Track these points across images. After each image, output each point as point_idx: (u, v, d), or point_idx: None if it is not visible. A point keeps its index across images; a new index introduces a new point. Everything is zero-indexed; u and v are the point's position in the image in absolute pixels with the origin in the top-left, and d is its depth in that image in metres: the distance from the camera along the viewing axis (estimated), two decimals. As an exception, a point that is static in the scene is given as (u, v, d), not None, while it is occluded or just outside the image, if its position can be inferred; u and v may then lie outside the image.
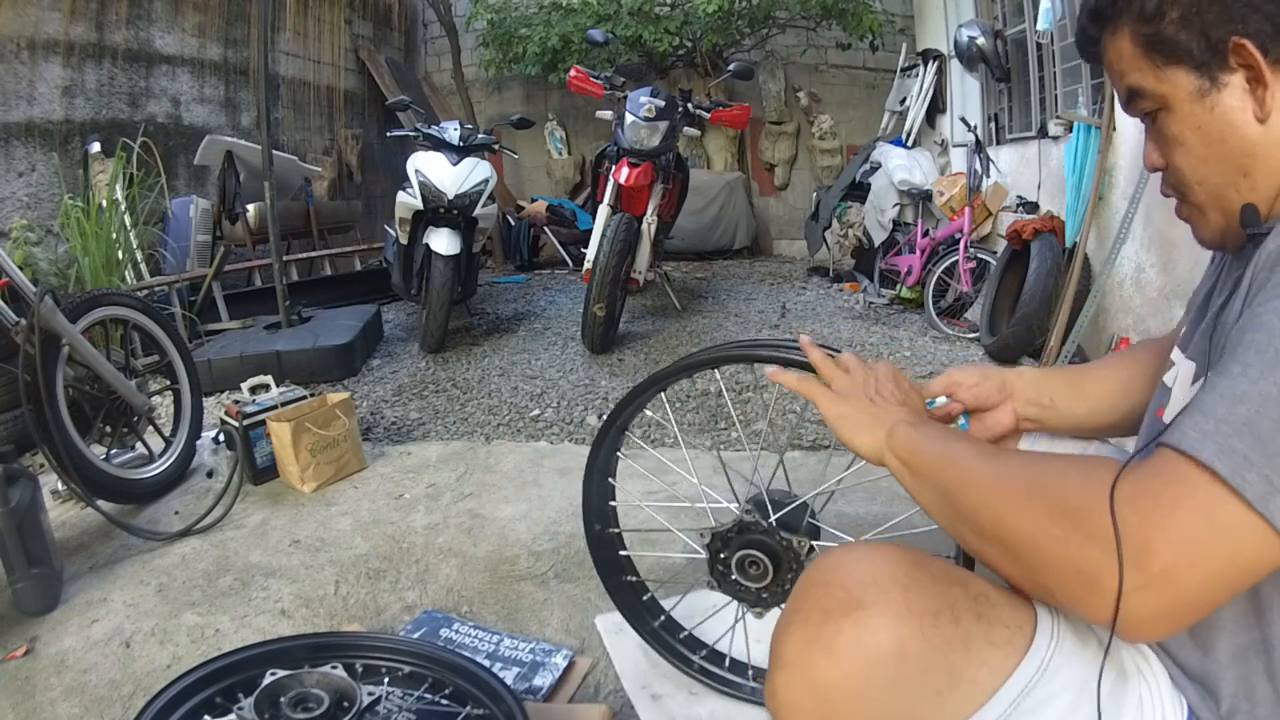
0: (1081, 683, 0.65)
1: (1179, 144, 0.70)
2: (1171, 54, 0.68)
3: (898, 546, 0.70)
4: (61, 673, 1.44)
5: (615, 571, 1.31)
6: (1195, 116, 0.68)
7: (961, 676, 0.63)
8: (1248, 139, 0.66)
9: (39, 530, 1.66)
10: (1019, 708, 0.63)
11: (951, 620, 0.63)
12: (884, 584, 0.64)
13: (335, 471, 2.28)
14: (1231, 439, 0.52)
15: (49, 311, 1.87)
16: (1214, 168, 0.69)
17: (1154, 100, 0.70)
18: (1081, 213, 3.24)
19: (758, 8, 6.09)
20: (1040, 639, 0.66)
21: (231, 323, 4.03)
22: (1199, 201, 0.72)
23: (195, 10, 5.03)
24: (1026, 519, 0.59)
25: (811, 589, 0.67)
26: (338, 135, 6.50)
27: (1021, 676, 0.64)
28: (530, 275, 5.98)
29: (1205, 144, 0.68)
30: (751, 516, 1.12)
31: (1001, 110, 4.76)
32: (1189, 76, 0.67)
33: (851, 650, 0.62)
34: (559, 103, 7.06)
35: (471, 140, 3.69)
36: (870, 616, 0.62)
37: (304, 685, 1.05)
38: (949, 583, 0.66)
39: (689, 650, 1.32)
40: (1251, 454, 0.51)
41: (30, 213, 3.95)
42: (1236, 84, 0.66)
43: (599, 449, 1.27)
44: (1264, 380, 0.53)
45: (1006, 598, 0.69)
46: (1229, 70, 0.66)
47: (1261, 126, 0.65)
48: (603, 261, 3.36)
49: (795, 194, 7.03)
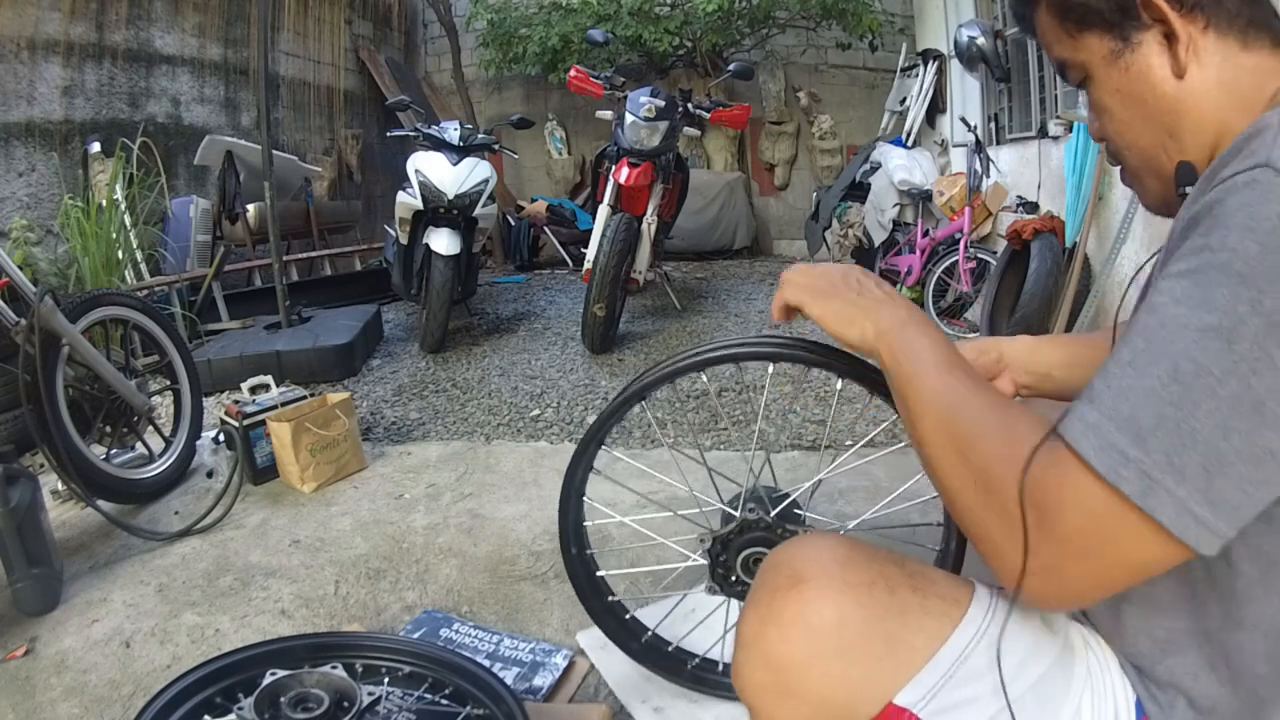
0: (1024, 652, 0.67)
1: (1104, 111, 0.70)
2: (1084, 19, 0.67)
3: (840, 535, 0.76)
4: (61, 673, 1.44)
5: (596, 595, 1.26)
6: (1112, 80, 0.67)
7: (899, 643, 0.66)
8: (1167, 96, 0.64)
9: (39, 530, 1.66)
10: (957, 673, 0.65)
11: (887, 590, 0.67)
12: (824, 561, 0.69)
13: (335, 471, 2.28)
14: (1111, 434, 0.52)
15: (49, 311, 1.87)
16: (1140, 131, 0.68)
17: (1077, 70, 0.70)
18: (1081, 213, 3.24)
19: (758, 8, 6.09)
20: (975, 610, 0.68)
21: (231, 323, 4.03)
22: (1134, 168, 0.71)
23: (195, 10, 5.03)
24: (956, 476, 0.62)
25: (764, 575, 0.72)
26: (338, 135, 6.50)
27: (958, 642, 0.66)
28: (530, 275, 5.98)
29: (1126, 108, 0.67)
30: (755, 514, 1.12)
31: (1001, 110, 4.75)
32: (1102, 40, 0.66)
33: (796, 621, 0.66)
34: (559, 103, 7.06)
35: (471, 140, 3.69)
36: (811, 589, 0.67)
37: (304, 685, 1.05)
38: (885, 561, 0.70)
39: (679, 661, 1.29)
40: (1130, 449, 0.51)
41: (30, 213, 3.95)
42: (1150, 41, 0.64)
43: (574, 471, 1.20)
44: (1147, 373, 0.52)
45: (944, 575, 0.73)
46: (1141, 27, 0.64)
47: (1180, 82, 0.64)
48: (603, 261, 3.36)
49: (795, 194, 7.03)
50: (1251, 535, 0.55)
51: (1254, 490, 0.50)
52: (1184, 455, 0.50)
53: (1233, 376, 0.49)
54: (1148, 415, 0.51)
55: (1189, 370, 0.51)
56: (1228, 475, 0.50)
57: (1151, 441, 0.51)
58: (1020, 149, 4.37)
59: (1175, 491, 0.50)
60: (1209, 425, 0.50)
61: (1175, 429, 0.50)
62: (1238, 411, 0.49)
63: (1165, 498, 0.51)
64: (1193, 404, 0.50)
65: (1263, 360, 0.49)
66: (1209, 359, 0.50)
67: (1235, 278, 0.50)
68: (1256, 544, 0.57)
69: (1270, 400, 0.49)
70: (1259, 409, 0.49)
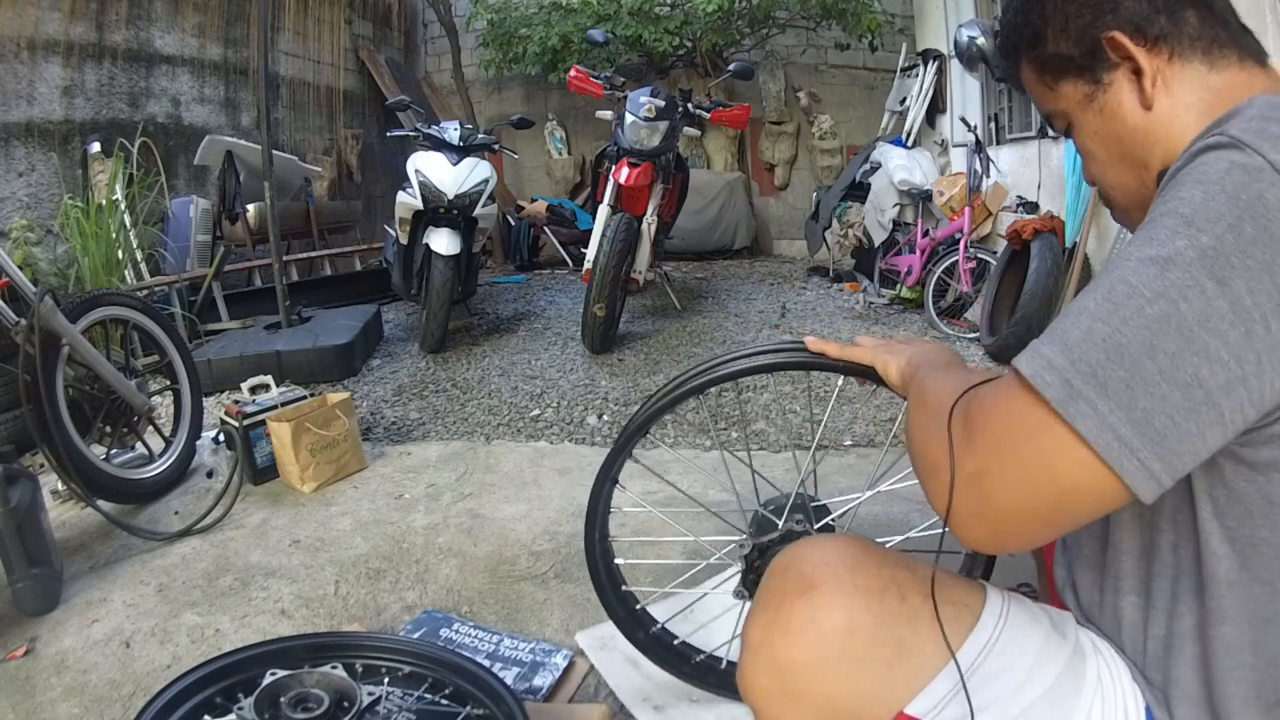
0: (1033, 659, 0.66)
1: (1089, 155, 0.74)
2: (1059, 69, 0.71)
3: (851, 537, 0.74)
4: (61, 673, 1.44)
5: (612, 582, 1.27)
6: (1090, 123, 0.71)
7: (910, 650, 0.65)
8: (1139, 129, 0.68)
9: (39, 530, 1.66)
10: (969, 681, 0.65)
11: (898, 597, 0.66)
12: (833, 566, 0.68)
13: (335, 471, 2.28)
14: (1042, 347, 0.54)
15: (49, 311, 1.87)
16: (1120, 169, 0.71)
17: (1061, 118, 0.74)
18: (1081, 213, 3.24)
19: (758, 8, 6.09)
20: (987, 617, 0.68)
21: (231, 323, 4.03)
22: (1122, 206, 0.75)
23: (195, 10, 5.03)
24: (920, 426, 0.66)
25: (771, 578, 0.72)
26: (338, 135, 6.50)
27: (970, 650, 0.66)
28: (530, 275, 5.98)
29: (1105, 147, 0.71)
30: (801, 526, 1.11)
31: (1001, 110, 4.75)
32: (1076, 85, 0.70)
33: (805, 627, 0.65)
34: (559, 103, 7.06)
35: (471, 140, 3.69)
36: (820, 594, 0.66)
37: (304, 685, 1.05)
38: (897, 565, 0.69)
39: (682, 657, 1.29)
40: (1056, 358, 0.53)
41: (30, 213, 3.95)
42: (1120, 79, 0.68)
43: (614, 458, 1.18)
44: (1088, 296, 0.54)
45: (956, 580, 0.73)
46: (1110, 67, 0.68)
47: (1149, 114, 0.67)
48: (603, 261, 3.36)
49: (795, 194, 7.03)
50: (1229, 519, 0.57)
51: (1183, 421, 0.50)
52: (1108, 369, 0.51)
53: (1162, 299, 0.50)
54: (1077, 330, 0.53)
55: (1121, 291, 0.52)
56: (1152, 396, 0.50)
57: (1077, 352, 0.52)
58: (1020, 149, 4.37)
59: (1097, 404, 0.51)
60: (1135, 342, 0.50)
61: (1101, 342, 0.51)
62: (1164, 332, 0.50)
63: (1086, 408, 0.51)
64: (1121, 320, 0.51)
65: (1193, 288, 0.50)
66: (1141, 281, 0.52)
67: (1179, 219, 0.53)
68: (1236, 530, 0.58)
69: (1199, 328, 0.49)
70: (1187, 334, 0.50)
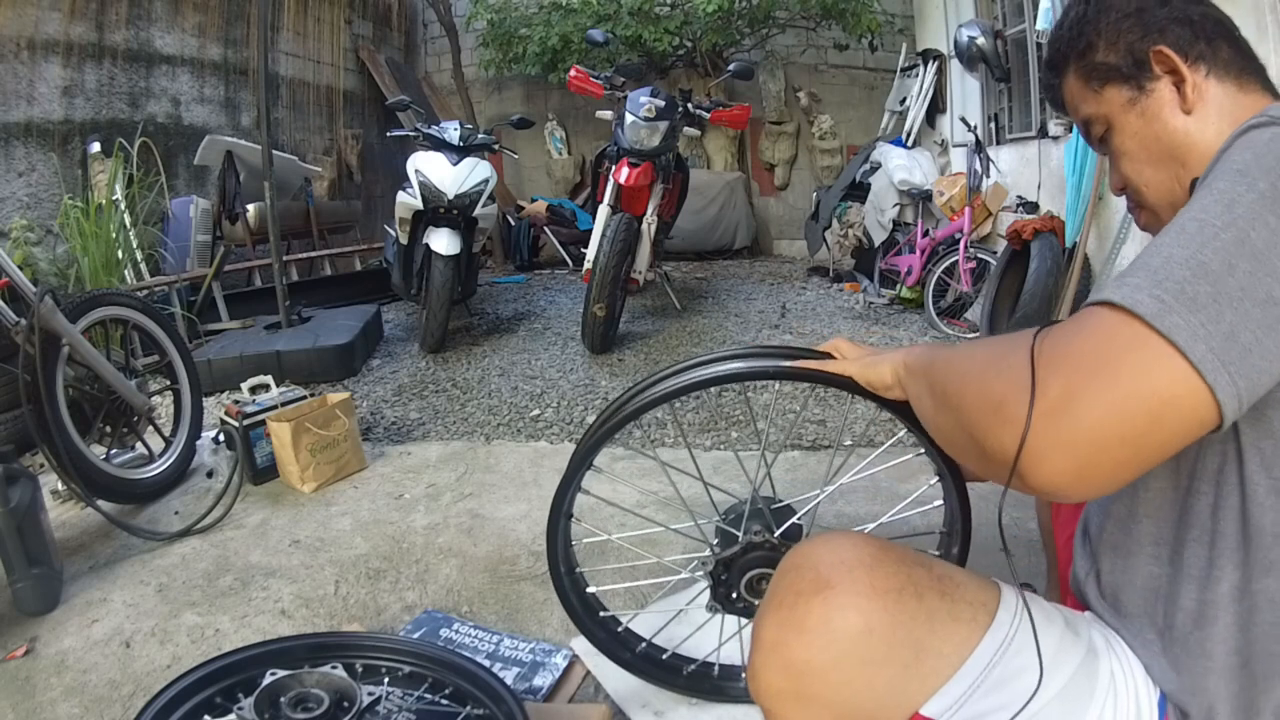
0: (1049, 659, 0.66)
1: (1124, 154, 0.79)
2: (1105, 76, 0.78)
3: (865, 535, 0.73)
4: (61, 673, 1.44)
5: (589, 612, 1.24)
6: (1130, 124, 0.77)
7: (927, 650, 0.65)
8: (1178, 130, 0.74)
9: (39, 530, 1.66)
10: (986, 680, 0.65)
11: (915, 596, 0.66)
12: (850, 565, 0.67)
13: (335, 471, 2.28)
14: (1128, 278, 0.55)
15: (49, 311, 1.87)
16: (1155, 166, 0.76)
17: (1101, 123, 0.80)
18: (1081, 213, 3.24)
19: (758, 8, 6.09)
20: (1003, 615, 0.68)
21: (231, 323, 4.03)
22: (1151, 203, 0.79)
23: (195, 10, 5.03)
24: (973, 376, 0.63)
25: (784, 575, 0.71)
26: (338, 135, 6.50)
27: (986, 650, 0.66)
28: (530, 275, 5.98)
29: (1143, 146, 0.77)
30: (760, 536, 1.08)
31: (1001, 110, 4.75)
32: (1121, 90, 0.77)
33: (821, 628, 0.64)
34: (559, 103, 7.06)
35: (471, 140, 3.69)
36: (837, 595, 0.65)
37: (304, 685, 1.05)
38: (913, 564, 0.69)
39: (673, 670, 1.28)
40: (1144, 284, 0.54)
41: (30, 213, 3.95)
42: (1163, 87, 0.75)
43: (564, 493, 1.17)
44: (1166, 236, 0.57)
45: (970, 578, 0.72)
46: (1154, 77, 0.75)
47: (1188, 118, 0.74)
48: (603, 261, 3.36)
49: (795, 194, 7.03)
50: (1277, 469, 0.58)
51: (1264, 336, 0.51)
52: (1194, 285, 0.52)
53: (1232, 227, 0.54)
54: (1158, 258, 0.55)
55: (1193, 225, 0.56)
56: (1236, 311, 0.51)
57: (1162, 273, 0.54)
58: (1020, 149, 4.37)
59: (1189, 318, 0.52)
60: (1216, 260, 0.53)
61: (1184, 263, 0.54)
62: (1239, 254, 0.53)
63: (1179, 321, 0.52)
64: (1198, 245, 0.54)
65: (1259, 220, 0.54)
66: (1210, 215, 0.55)
67: (1234, 173, 0.57)
68: None
69: (1269, 252, 0.53)
70: (1259, 256, 0.53)
